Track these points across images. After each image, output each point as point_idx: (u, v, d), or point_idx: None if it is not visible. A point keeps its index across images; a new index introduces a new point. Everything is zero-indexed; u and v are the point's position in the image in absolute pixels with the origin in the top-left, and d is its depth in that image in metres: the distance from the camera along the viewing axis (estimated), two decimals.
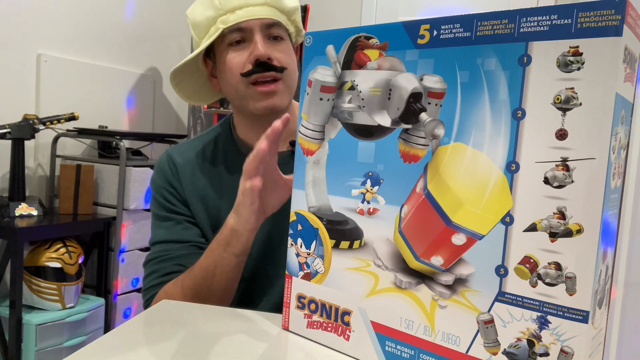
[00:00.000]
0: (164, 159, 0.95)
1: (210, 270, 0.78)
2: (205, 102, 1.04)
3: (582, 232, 0.43)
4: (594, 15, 0.42)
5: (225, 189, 0.91)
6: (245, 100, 0.87)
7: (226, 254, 0.77)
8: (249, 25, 0.85)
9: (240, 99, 0.88)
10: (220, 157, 0.94)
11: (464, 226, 0.50)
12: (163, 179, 0.93)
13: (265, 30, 0.86)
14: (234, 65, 0.86)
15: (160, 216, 0.92)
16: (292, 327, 0.66)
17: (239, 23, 0.85)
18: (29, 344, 1.87)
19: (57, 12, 2.31)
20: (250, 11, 0.85)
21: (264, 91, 0.85)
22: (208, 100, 1.03)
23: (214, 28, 0.86)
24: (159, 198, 0.92)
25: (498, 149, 0.47)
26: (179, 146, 0.97)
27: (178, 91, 0.96)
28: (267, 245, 0.89)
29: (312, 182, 0.63)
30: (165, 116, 3.01)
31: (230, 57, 0.86)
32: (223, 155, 0.94)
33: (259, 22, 0.85)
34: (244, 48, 0.86)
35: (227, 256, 0.77)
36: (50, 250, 1.98)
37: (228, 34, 0.86)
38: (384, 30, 0.56)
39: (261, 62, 0.84)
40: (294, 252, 0.65)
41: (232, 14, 0.85)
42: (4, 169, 2.09)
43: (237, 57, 0.86)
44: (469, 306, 0.50)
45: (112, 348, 0.59)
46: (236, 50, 0.86)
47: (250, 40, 0.86)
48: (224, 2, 0.85)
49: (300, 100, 0.64)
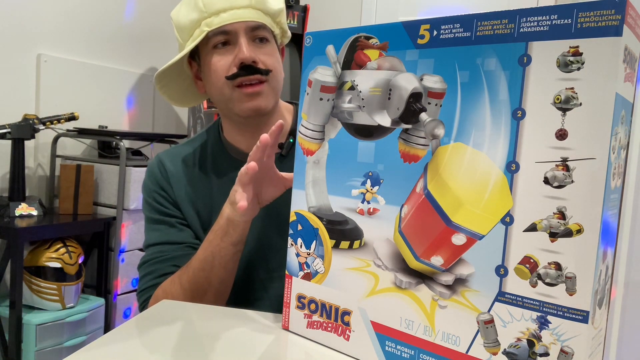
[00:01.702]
0: (155, 163, 0.95)
1: (209, 261, 0.79)
2: (191, 105, 1.04)
3: (582, 232, 0.43)
4: (594, 15, 0.42)
5: (215, 192, 0.92)
6: (230, 103, 0.87)
7: (224, 243, 0.78)
8: (234, 28, 0.84)
9: (225, 102, 0.88)
10: (210, 161, 0.94)
11: (464, 226, 0.50)
12: (154, 183, 0.93)
13: (250, 33, 0.85)
14: (219, 68, 0.86)
15: (153, 219, 0.92)
16: (292, 327, 0.66)
17: (224, 26, 0.84)
18: (29, 344, 1.87)
19: (57, 12, 2.31)
20: (234, 14, 0.84)
21: (248, 92, 0.85)
22: (193, 103, 1.03)
23: (199, 31, 0.86)
24: (151, 201, 0.93)
25: (498, 149, 0.47)
26: (169, 151, 0.98)
27: (163, 93, 0.96)
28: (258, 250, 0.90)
29: (312, 182, 0.63)
30: (165, 116, 3.01)
31: (215, 60, 0.86)
32: (212, 158, 0.95)
33: (244, 25, 0.85)
34: (229, 51, 0.86)
35: (225, 246, 0.78)
36: (50, 250, 1.98)
37: (212, 37, 0.85)
38: (384, 30, 0.56)
39: (246, 65, 0.84)
40: (294, 252, 0.65)
41: (217, 17, 0.84)
42: (4, 169, 2.09)
43: (222, 60, 0.86)
44: (469, 306, 0.50)
45: (112, 348, 0.59)
46: (221, 54, 0.86)
47: (235, 43, 0.85)
48: (208, 5, 0.84)
49: (300, 100, 0.64)
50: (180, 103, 1.01)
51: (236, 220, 0.76)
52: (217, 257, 0.79)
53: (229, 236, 0.78)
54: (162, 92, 0.95)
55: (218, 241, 0.78)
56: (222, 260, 0.79)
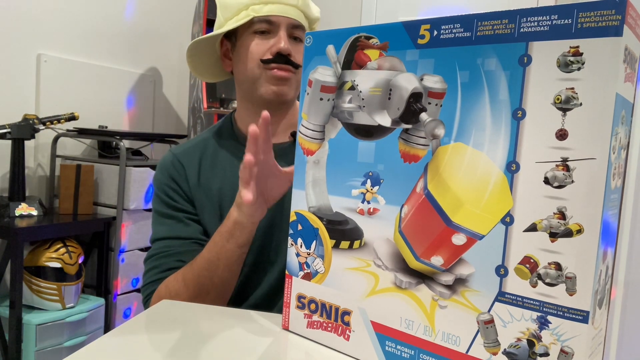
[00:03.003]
0: (168, 157, 0.97)
1: (214, 261, 0.79)
2: (213, 80, 1.07)
3: (582, 232, 0.43)
4: (594, 16, 0.42)
5: (228, 179, 0.93)
6: (257, 82, 0.91)
7: (229, 245, 0.78)
8: (278, 20, 0.90)
9: (252, 82, 0.92)
10: (223, 151, 0.97)
11: (464, 226, 0.50)
12: (167, 177, 0.95)
13: (290, 29, 0.91)
14: (256, 51, 0.90)
15: (162, 213, 0.93)
16: (292, 327, 0.66)
17: (270, 16, 0.90)
18: (29, 344, 1.87)
19: (57, 12, 2.31)
20: (282, 8, 0.90)
21: (278, 76, 0.89)
22: (216, 78, 1.06)
23: (245, 13, 0.90)
24: (162, 195, 0.94)
25: (498, 149, 0.47)
26: (181, 146, 1.00)
27: (189, 63, 1.00)
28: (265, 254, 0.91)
29: (312, 182, 0.63)
30: (165, 116, 3.01)
31: (255, 43, 0.91)
32: (225, 148, 0.97)
33: (287, 20, 0.91)
34: (268, 38, 0.91)
35: (231, 247, 0.78)
36: (50, 250, 1.98)
37: (257, 23, 0.90)
38: (384, 30, 0.56)
39: (281, 55, 0.89)
40: (294, 252, 0.65)
41: (265, 6, 0.90)
42: (4, 169, 2.09)
43: (261, 44, 0.90)
44: (469, 306, 0.50)
45: (112, 348, 0.59)
46: (261, 39, 0.91)
47: (275, 33, 0.91)
48: None
49: (301, 100, 0.64)
50: (203, 76, 1.05)
51: (243, 222, 0.77)
52: (222, 259, 0.79)
53: (235, 238, 0.78)
54: (189, 61, 1.00)
55: (224, 242, 0.79)
56: (227, 261, 0.79)
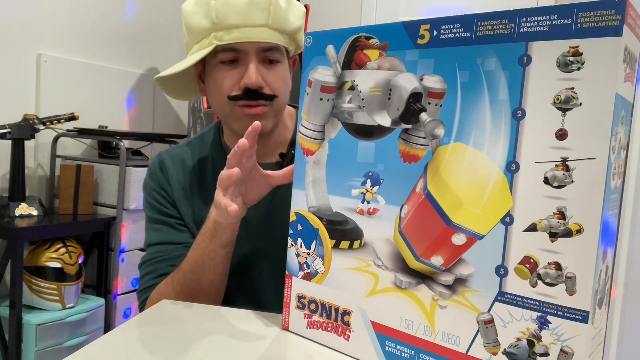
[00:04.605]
0: (156, 162, 0.95)
1: (199, 263, 0.79)
2: (189, 99, 1.01)
3: (582, 232, 0.43)
4: (594, 16, 0.42)
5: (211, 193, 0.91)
6: (230, 119, 0.85)
7: (212, 245, 0.77)
8: (244, 48, 0.80)
9: (224, 116, 0.87)
10: (209, 163, 0.94)
11: (464, 226, 0.50)
12: (155, 182, 0.93)
13: (261, 54, 0.82)
14: (223, 87, 0.82)
15: (153, 219, 0.92)
16: (292, 327, 0.66)
17: (234, 44, 0.80)
18: (29, 344, 1.87)
19: (57, 12, 2.31)
20: (247, 32, 0.79)
21: (249, 114, 0.82)
22: (191, 98, 1.00)
23: (207, 41, 0.81)
24: (152, 201, 0.93)
25: (498, 149, 0.47)
26: (169, 150, 0.97)
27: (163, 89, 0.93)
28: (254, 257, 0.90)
29: (312, 182, 0.63)
30: (165, 116, 3.01)
31: (221, 76, 0.82)
32: (211, 160, 0.94)
33: (256, 45, 0.80)
34: (236, 69, 0.82)
35: (214, 248, 0.77)
36: (50, 250, 1.98)
37: (221, 52, 0.81)
38: (384, 30, 0.56)
39: (251, 90, 0.81)
40: (294, 252, 0.65)
41: (228, 32, 0.79)
42: (4, 169, 2.09)
43: (227, 78, 0.82)
44: (469, 306, 0.50)
45: (112, 348, 0.59)
46: (227, 71, 0.82)
47: (244, 62, 0.81)
48: (220, 17, 0.79)
49: (300, 100, 0.64)
50: (178, 97, 0.98)
51: (223, 222, 0.75)
52: (206, 260, 0.78)
53: (217, 238, 0.77)
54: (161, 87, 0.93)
55: (206, 244, 0.78)
56: (211, 262, 0.78)
